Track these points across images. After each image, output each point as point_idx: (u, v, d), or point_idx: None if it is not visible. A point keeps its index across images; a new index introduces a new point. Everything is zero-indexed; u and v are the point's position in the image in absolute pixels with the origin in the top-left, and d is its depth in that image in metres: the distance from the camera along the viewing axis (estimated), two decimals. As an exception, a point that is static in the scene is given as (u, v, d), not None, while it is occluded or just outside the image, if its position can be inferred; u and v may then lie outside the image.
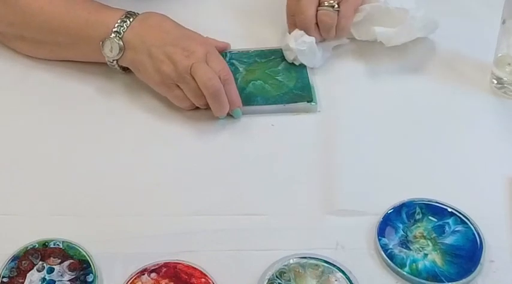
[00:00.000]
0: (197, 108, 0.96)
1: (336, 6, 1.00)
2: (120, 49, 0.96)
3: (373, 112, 0.98)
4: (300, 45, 1.00)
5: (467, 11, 1.14)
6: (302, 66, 1.02)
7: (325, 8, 1.00)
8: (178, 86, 0.95)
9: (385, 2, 1.02)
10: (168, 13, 1.00)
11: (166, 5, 1.07)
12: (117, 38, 0.96)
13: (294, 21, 1.02)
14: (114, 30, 0.96)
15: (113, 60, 0.98)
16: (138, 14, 0.98)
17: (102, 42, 0.97)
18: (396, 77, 1.03)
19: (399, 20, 1.01)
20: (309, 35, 1.01)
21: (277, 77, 1.01)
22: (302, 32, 1.01)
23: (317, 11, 1.00)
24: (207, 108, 0.95)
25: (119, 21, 0.97)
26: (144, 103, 0.99)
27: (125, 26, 0.96)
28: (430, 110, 0.99)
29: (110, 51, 0.97)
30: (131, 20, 0.97)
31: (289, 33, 1.02)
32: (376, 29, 1.02)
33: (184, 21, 1.00)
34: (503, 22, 0.97)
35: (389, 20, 1.02)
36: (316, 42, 1.01)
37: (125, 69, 1.00)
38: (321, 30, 1.01)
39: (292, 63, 1.03)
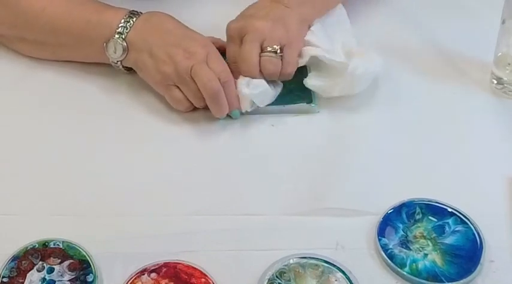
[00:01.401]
0: (195, 109, 0.96)
1: (279, 51, 0.96)
2: (124, 50, 0.96)
3: (373, 112, 0.98)
4: (253, 89, 0.94)
5: (467, 11, 1.14)
6: (302, 67, 1.02)
7: (267, 54, 0.95)
8: (177, 87, 0.95)
9: (327, 51, 0.97)
10: (170, 12, 1.00)
11: (168, 4, 1.07)
12: (121, 39, 0.96)
13: (237, 68, 0.96)
14: (117, 31, 0.96)
15: (117, 61, 0.98)
16: (141, 13, 0.98)
17: (106, 44, 0.96)
18: (396, 77, 1.03)
19: (338, 73, 0.96)
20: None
21: (277, 77, 1.01)
22: (248, 78, 0.95)
23: (260, 56, 0.96)
24: (206, 108, 0.95)
25: (122, 21, 0.97)
26: (145, 103, 0.99)
27: (128, 27, 0.96)
28: (430, 110, 0.99)
29: (114, 53, 0.97)
30: (134, 19, 0.97)
31: (235, 78, 0.95)
32: (307, 80, 0.98)
33: (186, 20, 1.00)
34: (503, 22, 0.97)
35: (328, 70, 0.98)
36: (267, 82, 0.96)
37: (129, 69, 1.00)
38: (264, 76, 0.96)
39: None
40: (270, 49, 0.96)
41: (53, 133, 0.95)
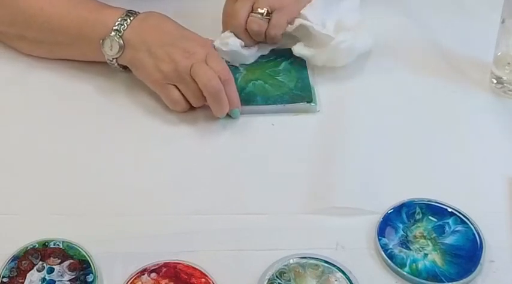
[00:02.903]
0: (193, 108, 0.96)
1: (266, 14, 1.01)
2: (120, 47, 0.96)
3: (373, 112, 0.98)
4: (224, 46, 1.00)
5: (467, 11, 1.14)
6: (303, 66, 1.02)
7: (254, 15, 1.01)
8: (176, 87, 0.95)
9: (317, 24, 1.01)
10: (168, 13, 1.00)
11: (166, 4, 1.07)
12: (117, 36, 0.96)
13: (227, 23, 1.03)
14: (114, 28, 0.96)
15: (113, 59, 0.98)
16: (139, 13, 0.98)
17: (102, 41, 0.97)
18: (396, 77, 1.03)
19: (323, 44, 1.01)
20: (239, 38, 1.01)
21: (277, 77, 1.01)
22: (231, 33, 1.01)
23: (248, 15, 1.01)
24: (205, 108, 0.95)
25: (119, 19, 0.97)
26: (144, 103, 0.99)
27: (125, 25, 0.96)
28: (429, 110, 0.99)
29: (110, 50, 0.97)
30: (131, 18, 0.97)
31: (222, 32, 1.03)
32: (295, 48, 1.02)
33: (184, 21, 1.00)
34: (503, 21, 0.97)
35: (316, 41, 1.01)
36: (241, 46, 1.02)
37: (125, 68, 1.00)
38: (250, 35, 1.02)
39: (293, 63, 1.02)
40: (259, 10, 1.01)
41: (52, 133, 0.95)
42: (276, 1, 1.02)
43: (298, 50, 1.02)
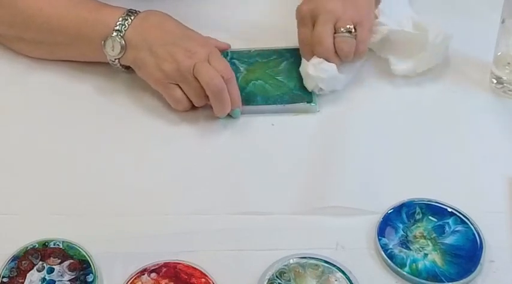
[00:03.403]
0: (194, 108, 0.96)
1: (353, 31, 0.97)
2: (122, 47, 0.96)
3: (373, 112, 0.98)
4: (321, 72, 0.96)
5: (467, 10, 1.14)
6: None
7: (342, 35, 0.96)
8: (178, 86, 0.95)
9: (400, 25, 0.99)
10: (169, 12, 1.00)
11: (167, 4, 1.07)
12: (119, 36, 0.96)
13: (310, 50, 0.98)
14: (115, 28, 0.96)
15: (115, 59, 0.97)
16: (139, 12, 0.98)
17: (104, 41, 0.96)
18: (395, 77, 1.03)
19: (418, 48, 0.97)
20: (329, 62, 0.96)
21: (277, 77, 1.01)
22: (321, 59, 0.96)
23: (334, 37, 0.96)
24: (206, 108, 0.95)
25: (120, 19, 0.96)
26: (145, 103, 0.99)
27: (126, 25, 0.96)
28: (429, 110, 0.99)
29: (112, 50, 0.96)
30: (132, 18, 0.97)
31: (307, 60, 0.97)
32: (394, 67, 0.99)
33: (185, 20, 1.00)
34: (503, 21, 0.97)
35: (407, 46, 0.98)
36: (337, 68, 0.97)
37: (127, 68, 0.99)
38: (339, 57, 0.97)
39: (293, 64, 1.02)
40: (344, 29, 0.96)
41: (52, 133, 0.95)
42: (356, 15, 0.97)
43: (399, 67, 0.98)
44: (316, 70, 0.96)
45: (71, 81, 1.02)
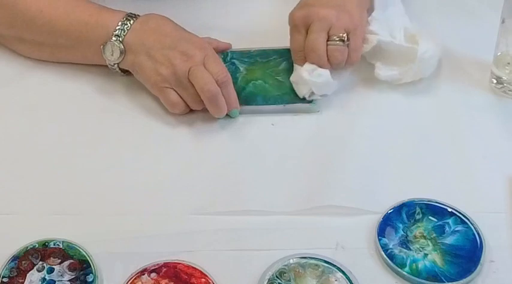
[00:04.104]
0: (191, 111, 0.96)
1: (346, 39, 0.96)
2: (121, 52, 0.96)
3: (373, 112, 0.98)
4: (315, 77, 0.96)
5: (467, 10, 1.14)
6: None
7: (335, 43, 0.96)
8: (174, 90, 0.95)
9: (391, 35, 0.99)
10: (170, 12, 1.00)
11: (168, 4, 1.07)
12: (118, 41, 0.96)
13: (303, 56, 0.98)
14: (114, 33, 0.96)
15: (114, 64, 0.98)
16: (139, 15, 0.98)
17: (103, 46, 0.96)
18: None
19: (406, 60, 0.98)
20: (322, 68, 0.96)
21: (277, 77, 1.01)
22: (314, 65, 0.96)
23: (327, 44, 0.96)
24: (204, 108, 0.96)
25: (119, 23, 0.96)
26: (144, 103, 0.99)
27: (126, 29, 0.96)
28: (429, 109, 0.99)
29: (111, 55, 0.96)
30: (132, 22, 0.97)
31: (300, 66, 0.97)
32: (378, 72, 0.99)
33: (185, 20, 1.00)
34: (503, 21, 0.97)
35: (396, 57, 0.99)
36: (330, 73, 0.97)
37: (125, 72, 0.99)
38: (331, 65, 0.97)
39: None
40: (337, 37, 0.96)
41: (52, 133, 0.95)
42: (347, 24, 0.97)
43: (384, 73, 0.98)
44: (310, 75, 0.96)
45: (71, 81, 1.02)
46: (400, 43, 0.98)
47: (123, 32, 0.96)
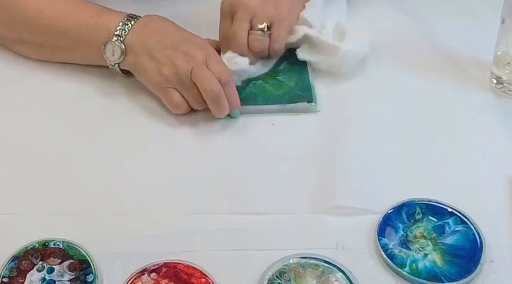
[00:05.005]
0: (192, 109, 0.96)
1: (266, 29, 0.98)
2: (122, 53, 0.96)
3: (373, 112, 0.98)
4: (233, 65, 0.97)
5: (467, 10, 1.14)
6: (303, 66, 1.02)
7: (255, 32, 0.98)
8: (176, 90, 0.95)
9: (320, 31, 1.01)
10: (170, 12, 1.00)
11: (168, 4, 1.07)
12: (119, 41, 0.96)
13: (227, 44, 1.00)
14: (115, 33, 0.96)
15: (115, 64, 0.98)
16: (140, 16, 0.98)
17: (104, 46, 0.96)
18: (396, 77, 1.03)
19: (330, 53, 1.00)
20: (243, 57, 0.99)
21: (277, 77, 1.01)
22: (235, 53, 0.98)
23: (249, 33, 0.98)
24: (206, 108, 0.95)
25: (120, 24, 0.96)
26: (144, 103, 0.99)
27: (126, 29, 0.96)
28: (429, 109, 0.99)
29: (112, 55, 0.97)
30: (132, 23, 0.97)
31: (223, 53, 0.99)
32: (299, 51, 1.01)
33: (185, 20, 1.00)
34: (503, 21, 0.97)
35: (320, 47, 1.01)
36: (249, 63, 0.99)
37: (126, 72, 0.99)
38: (252, 53, 0.99)
39: (293, 63, 1.02)
40: (259, 27, 0.98)
41: (52, 133, 0.95)
42: (273, 14, 0.99)
43: (303, 54, 1.01)
44: (229, 63, 0.98)
45: (71, 82, 1.02)
46: (326, 40, 1.00)
47: (124, 32, 0.96)
